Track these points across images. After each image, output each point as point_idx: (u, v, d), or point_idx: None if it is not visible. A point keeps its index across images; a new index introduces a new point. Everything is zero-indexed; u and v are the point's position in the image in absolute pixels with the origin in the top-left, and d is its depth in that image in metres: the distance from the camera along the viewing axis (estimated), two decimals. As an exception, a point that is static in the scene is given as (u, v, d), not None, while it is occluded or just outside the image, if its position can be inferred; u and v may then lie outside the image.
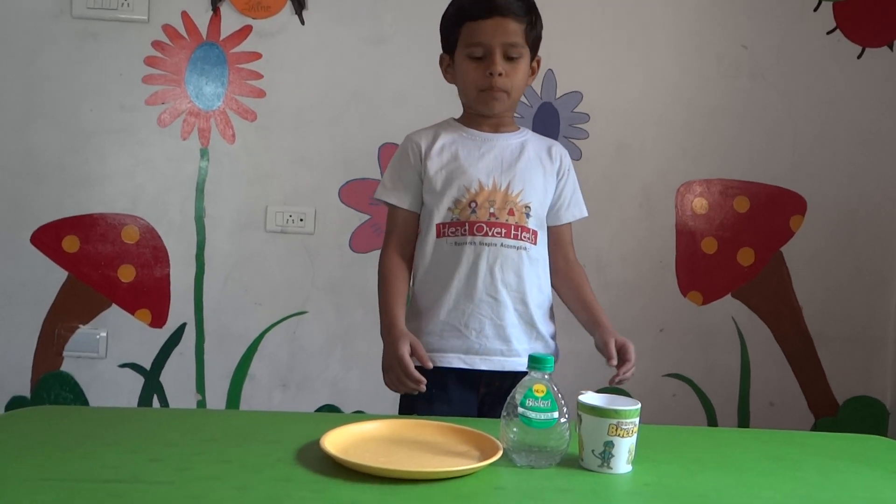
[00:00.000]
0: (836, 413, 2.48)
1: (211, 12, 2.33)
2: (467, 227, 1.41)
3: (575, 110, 2.40)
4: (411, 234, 1.49)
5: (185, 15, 2.32)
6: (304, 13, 2.35)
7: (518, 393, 1.05)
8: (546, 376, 1.06)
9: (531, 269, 1.44)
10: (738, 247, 2.45)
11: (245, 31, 2.34)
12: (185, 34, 2.33)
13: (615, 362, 1.32)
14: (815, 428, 2.46)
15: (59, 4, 2.30)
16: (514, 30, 1.38)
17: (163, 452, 1.01)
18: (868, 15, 2.42)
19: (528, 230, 1.43)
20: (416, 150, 1.47)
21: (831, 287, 2.46)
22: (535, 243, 1.44)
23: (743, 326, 2.46)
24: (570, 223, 1.53)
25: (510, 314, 1.42)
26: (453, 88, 2.22)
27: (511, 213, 1.42)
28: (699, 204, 2.45)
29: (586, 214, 1.54)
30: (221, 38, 2.34)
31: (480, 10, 1.38)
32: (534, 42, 1.44)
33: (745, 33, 2.42)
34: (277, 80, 2.36)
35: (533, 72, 1.48)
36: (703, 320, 2.45)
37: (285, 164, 2.37)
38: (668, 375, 2.45)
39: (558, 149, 1.52)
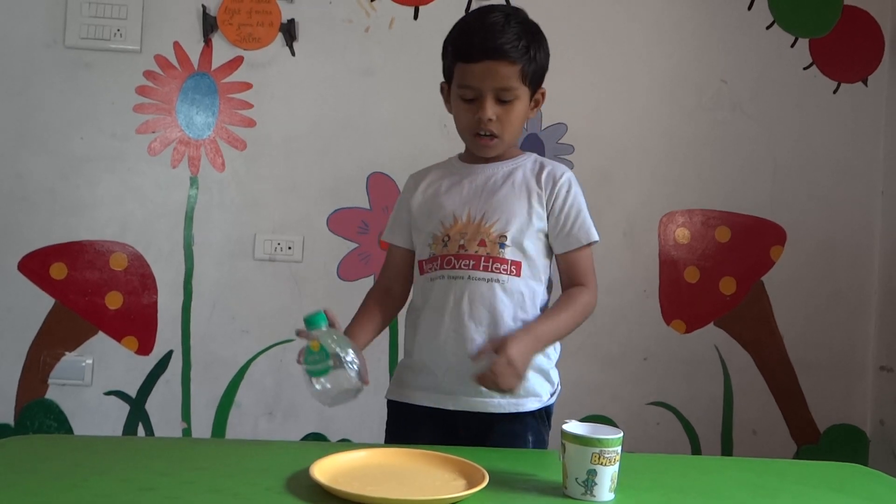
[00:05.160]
0: (818, 441, 2.50)
1: (203, 43, 2.36)
2: (438, 262, 1.35)
3: (560, 141, 2.45)
4: (399, 272, 1.45)
5: (177, 45, 2.36)
6: (295, 45, 2.39)
7: (302, 354, 1.17)
8: (319, 331, 1.17)
9: (507, 303, 1.32)
10: (720, 276, 2.49)
11: (236, 62, 2.37)
12: (176, 64, 2.36)
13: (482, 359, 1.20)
14: (798, 456, 2.48)
15: (52, 34, 2.33)
16: (506, 73, 1.30)
17: (154, 482, 1.02)
18: (843, 52, 2.49)
19: (502, 261, 1.32)
20: (409, 188, 1.47)
21: (811, 315, 2.50)
22: (515, 275, 1.33)
23: (725, 354, 2.49)
24: (573, 251, 1.37)
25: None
26: (440, 119, 2.26)
27: (482, 243, 1.32)
28: (681, 234, 2.49)
29: (589, 240, 1.38)
30: (213, 69, 2.37)
31: (470, 53, 1.30)
32: (533, 77, 1.35)
33: (725, 68, 2.48)
34: (267, 109, 2.39)
35: (537, 104, 1.40)
36: (686, 349, 2.48)
37: (274, 192, 2.39)
38: (652, 403, 2.47)
39: (552, 171, 1.39)
